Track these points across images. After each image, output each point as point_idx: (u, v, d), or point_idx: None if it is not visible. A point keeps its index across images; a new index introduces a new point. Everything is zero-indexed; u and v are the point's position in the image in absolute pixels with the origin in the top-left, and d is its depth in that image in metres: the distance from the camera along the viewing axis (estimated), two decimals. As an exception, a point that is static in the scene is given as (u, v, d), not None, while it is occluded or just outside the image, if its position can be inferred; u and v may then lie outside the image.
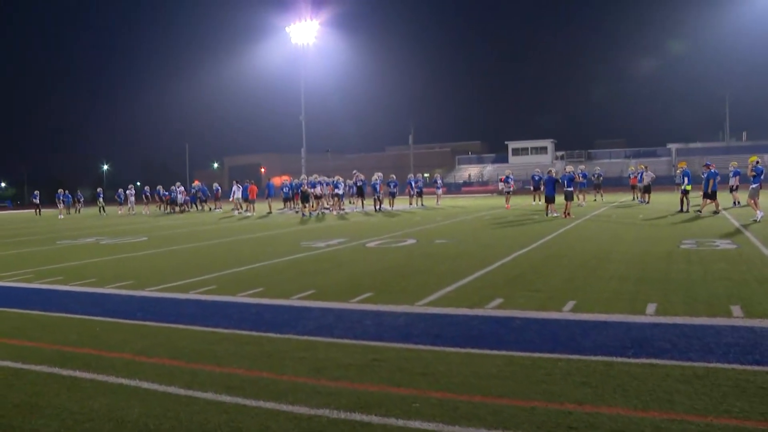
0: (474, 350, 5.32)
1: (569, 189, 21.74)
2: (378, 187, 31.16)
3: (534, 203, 31.65)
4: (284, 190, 32.90)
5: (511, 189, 31.04)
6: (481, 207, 32.27)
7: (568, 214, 21.21)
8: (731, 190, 25.35)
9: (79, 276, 10.68)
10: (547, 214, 22.17)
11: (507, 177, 31.70)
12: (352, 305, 7.42)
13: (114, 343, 6.05)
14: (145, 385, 4.73)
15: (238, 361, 5.26)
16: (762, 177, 18.37)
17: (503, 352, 5.21)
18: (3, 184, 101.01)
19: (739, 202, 24.48)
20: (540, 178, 32.29)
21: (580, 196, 30.80)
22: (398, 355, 5.26)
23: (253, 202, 33.17)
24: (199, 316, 7.20)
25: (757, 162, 18.11)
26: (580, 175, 30.52)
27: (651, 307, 6.62)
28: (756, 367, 4.55)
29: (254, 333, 6.25)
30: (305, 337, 5.99)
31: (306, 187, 28.87)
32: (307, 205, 28.45)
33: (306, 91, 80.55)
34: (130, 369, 5.15)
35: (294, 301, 7.79)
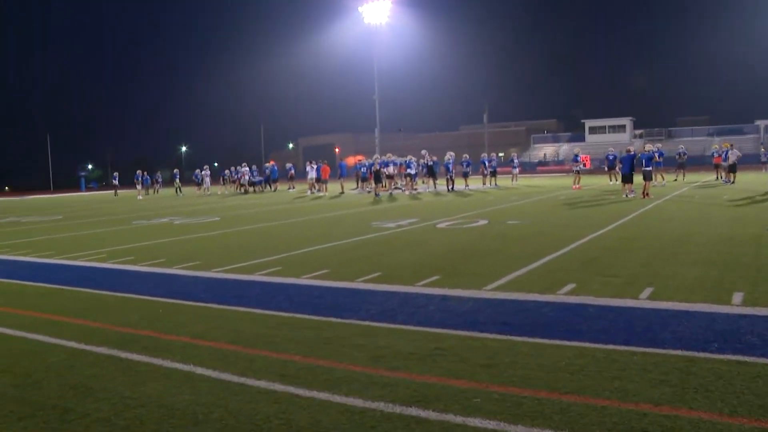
0: (543, 340, 4.98)
1: (648, 168, 20.77)
2: (450, 166, 30.70)
3: (611, 183, 30.50)
4: (361, 169, 32.83)
5: (579, 168, 29.96)
6: (556, 186, 31.39)
7: (647, 194, 20.27)
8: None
9: (149, 256, 10.82)
10: (624, 195, 21.26)
11: (575, 155, 30.72)
12: (417, 289, 7.18)
13: (174, 326, 6.01)
14: (199, 370, 4.62)
15: (296, 347, 5.10)
16: None
17: (574, 343, 4.86)
18: (90, 167, 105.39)
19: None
20: (615, 157, 31.08)
21: (659, 176, 29.49)
22: (462, 344, 4.99)
23: (325, 182, 33.29)
24: (261, 299, 7.10)
25: None
26: (658, 154, 29.23)
27: (738, 297, 6.09)
28: None
29: (314, 317, 6.09)
30: (366, 323, 5.79)
31: (378, 166, 28.70)
32: (379, 185, 28.30)
33: (379, 70, 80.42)
34: (186, 353, 5.06)
35: (358, 284, 7.60)
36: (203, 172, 42.33)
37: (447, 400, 3.86)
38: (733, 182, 26.99)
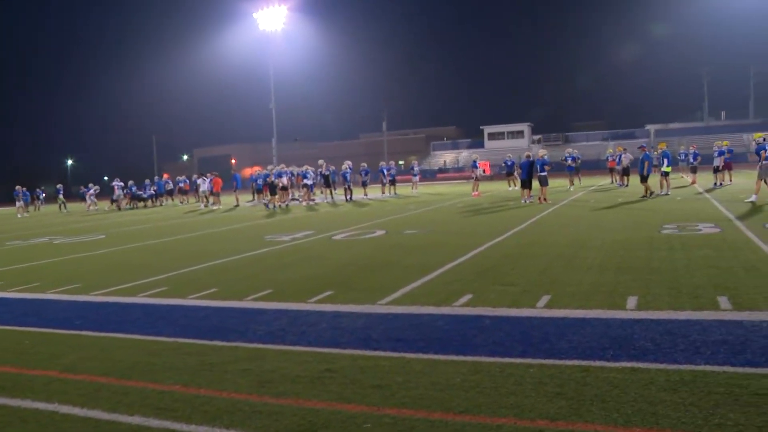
0: (437, 356, 4.88)
1: (543, 174, 21.45)
2: (348, 176, 30.65)
3: (510, 189, 31.34)
4: (256, 181, 32.23)
5: (478, 175, 30.72)
6: (456, 194, 31.91)
7: (545, 199, 20.90)
8: (715, 170, 25.21)
9: (21, 280, 10.08)
10: (523, 201, 21.87)
11: (474, 162, 31.49)
12: (309, 306, 6.96)
13: (41, 359, 5.53)
14: (64, 409, 4.22)
15: (176, 376, 4.78)
16: None
17: (469, 358, 4.78)
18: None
19: (721, 183, 24.39)
20: (513, 163, 32.02)
21: (573, 180, 30.65)
22: (353, 364, 4.81)
23: (217, 194, 32.45)
24: (141, 323, 6.68)
25: (764, 139, 17.60)
26: (570, 158, 30.41)
27: (632, 301, 6.23)
28: (748, 369, 4.16)
29: (198, 341, 5.77)
30: (254, 345, 5.52)
31: (272, 178, 28.25)
32: (273, 196, 27.90)
33: (275, 78, 79.58)
34: (51, 390, 4.64)
35: (247, 303, 7.31)
36: (88, 190, 40.31)
37: (336, 426, 3.67)
38: (626, 185, 28.24)
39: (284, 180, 28.80)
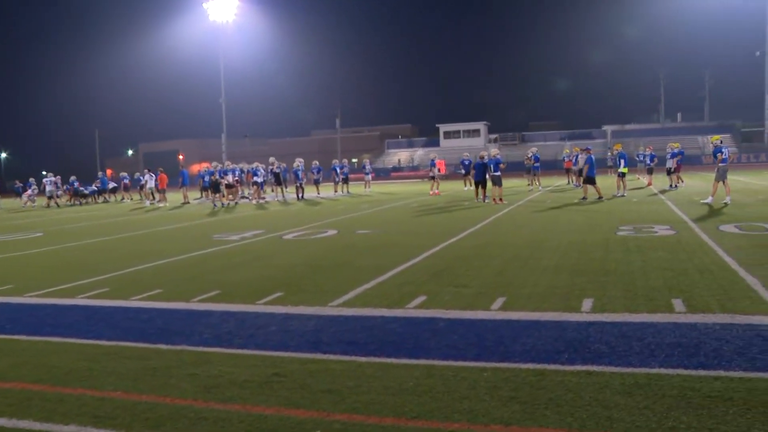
0: (390, 360, 4.87)
1: (497, 174, 21.66)
2: (300, 173, 30.49)
3: (466, 189, 31.58)
4: (204, 178, 31.77)
5: (436, 174, 30.93)
6: (410, 193, 32.03)
7: (500, 199, 21.13)
8: (668, 172, 25.80)
9: (-51, 280, 9.73)
10: (477, 200, 22.11)
11: (432, 161, 31.70)
12: (258, 307, 6.88)
13: (-32, 364, 5.33)
14: (-9, 419, 4.08)
15: (116, 382, 4.66)
16: (726, 157, 17.76)
17: (422, 361, 4.78)
18: None
19: (676, 185, 24.98)
20: (470, 162, 32.31)
21: (534, 180, 31.01)
22: (303, 368, 4.77)
23: (163, 191, 31.94)
24: (80, 326, 6.50)
25: (721, 141, 18.04)
26: (533, 158, 30.85)
27: (587, 303, 6.32)
28: (701, 372, 4.25)
29: (141, 345, 5.65)
30: (200, 348, 5.43)
31: (217, 175, 27.93)
32: (218, 194, 27.62)
33: (226, 72, 78.81)
34: (-22, 398, 4.47)
35: (193, 304, 7.19)
36: (27, 184, 39.09)
37: (284, 434, 3.62)
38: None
39: (229, 178, 28.49)
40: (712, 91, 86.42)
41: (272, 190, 34.13)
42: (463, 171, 32.37)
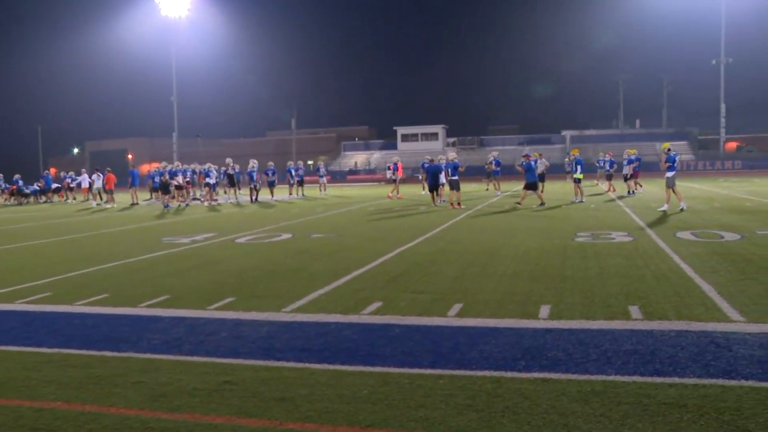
0: (344, 367, 4.87)
1: (454, 178, 21.84)
2: (255, 175, 30.28)
3: (423, 193, 31.70)
4: (154, 178, 31.27)
5: (396, 177, 31.02)
6: (367, 197, 32.04)
7: (458, 204, 21.29)
8: (625, 178, 26.28)
9: None
10: (434, 205, 22.28)
11: (395, 164, 31.76)
12: (209, 313, 6.82)
13: None
14: (-77, 430, 3.96)
15: (58, 391, 4.56)
16: (676, 164, 18.23)
17: (378, 369, 4.80)
18: None
19: (634, 192, 25.45)
20: (445, 166, 32.48)
21: (496, 185, 31.29)
22: (255, 376, 4.74)
23: (111, 192, 31.35)
24: (19, 333, 6.35)
25: (669, 149, 18.48)
26: (494, 162, 31.16)
27: (545, 310, 6.41)
28: (657, 379, 4.35)
29: (85, 352, 5.55)
30: (147, 356, 5.36)
31: (166, 176, 27.56)
32: (168, 195, 27.28)
33: (178, 69, 77.92)
34: None
35: (141, 310, 7.09)
36: None
37: (234, 444, 3.59)
38: (541, 191, 29.08)
39: (179, 179, 28.13)
40: (671, 99, 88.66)
41: (225, 192, 33.80)
42: (421, 175, 32.48)
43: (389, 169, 32.48)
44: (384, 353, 5.19)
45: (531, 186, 21.15)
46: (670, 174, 17.78)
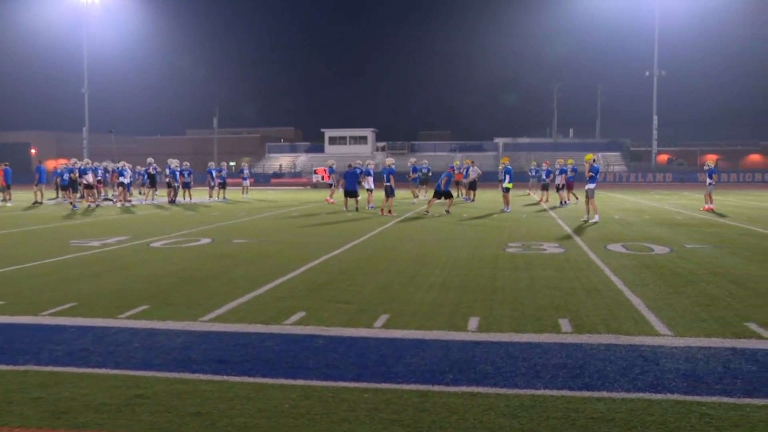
0: (265, 380, 4.84)
1: (388, 184, 22.04)
2: (177, 175, 29.74)
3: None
4: (62, 176, 30.26)
5: (333, 182, 31.14)
6: (292, 201, 31.87)
7: (389, 211, 21.42)
8: (558, 189, 26.92)
9: None
10: (345, 209, 23.34)
11: (331, 168, 31.85)
12: (119, 322, 6.65)
13: None
14: None
15: (-53, 406, 4.37)
16: (598, 176, 18.98)
17: (300, 382, 4.78)
18: None
19: (566, 202, 26.09)
20: (361, 171, 32.58)
21: (418, 192, 31.60)
22: (169, 389, 4.65)
23: (8, 188, 30.12)
24: None
25: (594, 160, 19.05)
26: (424, 169, 31.59)
27: (473, 322, 6.52)
28: (585, 393, 4.48)
29: (-21, 364, 5.32)
30: (49, 368, 5.18)
31: (76, 174, 26.78)
32: (76, 194, 26.52)
33: (90, 58, 75.87)
34: None
35: (44, 318, 6.86)
36: None
37: (144, 462, 3.52)
38: (473, 200, 29.53)
39: (89, 177, 27.37)
40: (605, 109, 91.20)
41: (140, 193, 33.10)
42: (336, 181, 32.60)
43: (316, 172, 32.36)
44: (307, 365, 5.18)
45: (442, 194, 21.73)
46: (591, 186, 18.47)
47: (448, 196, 21.75)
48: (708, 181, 22.72)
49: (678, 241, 13.29)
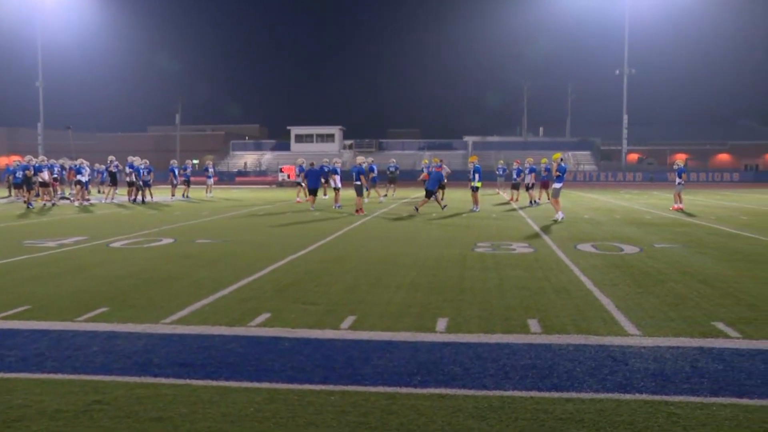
0: (229, 383, 4.82)
1: (358, 183, 22.03)
2: (141, 173, 29.46)
3: (325, 197, 31.68)
4: (15, 173, 29.76)
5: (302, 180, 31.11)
6: (257, 200, 31.72)
7: (360, 209, 21.45)
8: (527, 188, 27.10)
9: None
10: (311, 208, 23.46)
11: (300, 166, 31.79)
12: (77, 325, 6.57)
13: None
14: None
15: None
16: (565, 176, 19.26)
17: (265, 385, 4.77)
18: None
19: (536, 201, 26.28)
20: (328, 169, 32.55)
21: (378, 192, 31.66)
22: (129, 394, 4.60)
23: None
24: None
25: (562, 159, 19.25)
26: (393, 168, 31.67)
27: (442, 323, 6.56)
28: (554, 394, 4.54)
29: (-72, 369, 5.22)
30: (0, 375, 5.10)
31: (31, 171, 26.38)
32: (31, 192, 26.15)
33: (46, 51, 74.77)
34: None
35: (-3, 322, 6.75)
36: None
37: (103, 469, 3.48)
38: (442, 199, 29.60)
39: (45, 175, 26.99)
40: (575, 107, 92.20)
41: (99, 191, 32.70)
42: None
43: (282, 171, 32.26)
44: (272, 368, 5.17)
45: (429, 193, 21.83)
46: (558, 185, 18.72)
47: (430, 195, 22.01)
48: (677, 180, 23.12)
49: (648, 241, 13.48)
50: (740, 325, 6.47)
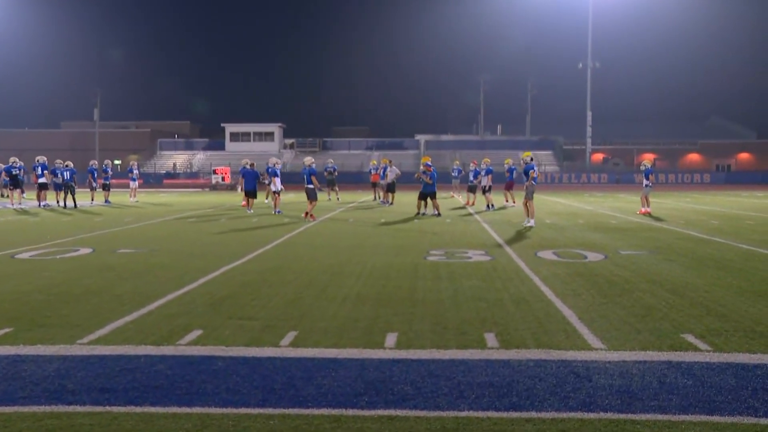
0: (155, 409, 4.77)
1: (310, 186, 21.76)
2: (66, 174, 28.92)
3: (266, 201, 31.49)
4: None
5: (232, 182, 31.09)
6: (187, 205, 31.40)
7: (311, 215, 21.32)
8: (484, 191, 27.27)
9: None
10: (249, 211, 24.52)
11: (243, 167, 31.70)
12: (-20, 347, 6.42)
13: None
14: None
15: None
16: (537, 176, 19.42)
17: (197, 409, 4.73)
18: None
19: (493, 205, 26.48)
20: (274, 171, 32.45)
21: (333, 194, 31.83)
22: (38, 426, 4.51)
23: None
24: None
25: (531, 159, 19.46)
26: (331, 169, 32.02)
27: (391, 338, 6.59)
28: (513, 414, 4.60)
29: None
30: None
31: None
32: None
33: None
34: None
35: None
36: None
37: (11, 508, 3.40)
38: (391, 203, 29.68)
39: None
40: (535, 104, 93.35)
41: (3, 196, 31.95)
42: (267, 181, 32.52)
43: (215, 173, 31.99)
44: (204, 390, 5.13)
45: (424, 196, 22.79)
46: (533, 184, 18.91)
47: (433, 196, 22.80)
48: (645, 182, 23.59)
49: (613, 247, 13.73)
50: (710, 337, 6.63)
